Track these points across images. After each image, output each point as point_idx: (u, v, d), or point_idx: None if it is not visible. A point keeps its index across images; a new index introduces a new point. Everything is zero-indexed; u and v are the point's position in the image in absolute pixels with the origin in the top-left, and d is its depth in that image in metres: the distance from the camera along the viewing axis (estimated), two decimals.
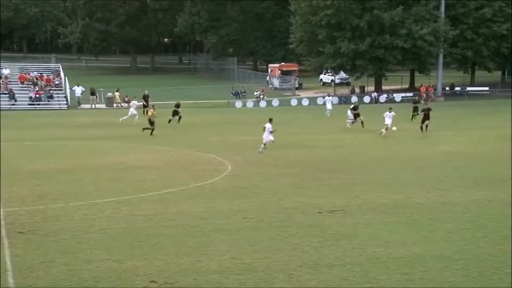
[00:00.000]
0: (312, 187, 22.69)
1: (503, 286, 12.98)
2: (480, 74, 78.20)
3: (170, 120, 42.63)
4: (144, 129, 37.54)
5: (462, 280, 13.36)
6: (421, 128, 36.69)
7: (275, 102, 63.62)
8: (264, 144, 29.37)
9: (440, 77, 69.57)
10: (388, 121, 35.96)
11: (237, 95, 70.47)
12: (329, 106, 49.13)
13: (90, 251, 15.16)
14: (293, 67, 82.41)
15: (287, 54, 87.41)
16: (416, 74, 75.50)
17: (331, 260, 14.62)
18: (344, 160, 28.68)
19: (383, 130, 35.56)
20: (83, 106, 63.24)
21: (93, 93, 63.67)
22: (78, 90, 64.69)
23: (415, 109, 43.66)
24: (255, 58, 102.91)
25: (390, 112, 36.39)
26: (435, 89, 68.61)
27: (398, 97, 66.18)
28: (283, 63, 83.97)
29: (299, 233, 16.80)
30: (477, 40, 68.18)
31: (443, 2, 66.75)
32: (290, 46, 77.10)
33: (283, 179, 24.14)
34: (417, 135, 37.02)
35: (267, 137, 29.21)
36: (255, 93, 68.20)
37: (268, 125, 29.60)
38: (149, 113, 38.92)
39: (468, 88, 72.03)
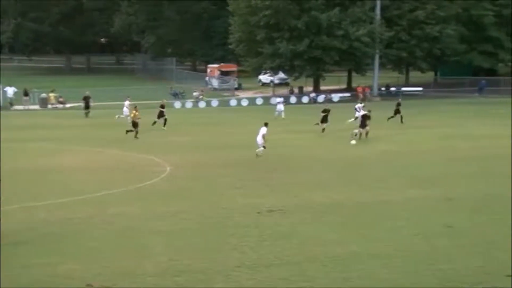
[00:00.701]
0: (251, 187, 22.74)
1: (436, 281, 13.30)
2: (414, 74, 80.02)
3: (154, 122, 41.43)
4: (127, 131, 36.36)
5: (399, 276, 13.61)
6: (359, 134, 35.63)
7: (215, 103, 63.47)
8: (264, 147, 28.58)
9: (376, 77, 70.82)
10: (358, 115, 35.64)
11: (176, 95, 69.93)
12: (280, 107, 48.81)
13: (25, 255, 14.77)
14: (232, 67, 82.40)
15: (226, 54, 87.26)
16: (353, 74, 76.66)
17: (270, 260, 14.66)
18: (284, 160, 28.82)
19: (362, 133, 34.96)
20: (15, 107, 61.54)
21: (26, 94, 62.02)
22: (10, 90, 62.84)
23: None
24: (193, 59, 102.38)
25: (361, 104, 36.10)
26: (371, 89, 69.80)
27: (336, 97, 67.04)
28: (222, 64, 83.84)
29: (237, 233, 16.79)
30: (410, 41, 69.69)
31: (378, 4, 67.94)
32: (229, 47, 76.99)
33: (222, 179, 24.09)
34: (341, 135, 37.47)
35: (259, 140, 28.51)
36: (194, 93, 67.86)
37: (262, 129, 28.84)
38: (132, 115, 37.36)
39: (403, 88, 73.47)
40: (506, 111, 48.68)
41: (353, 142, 33.26)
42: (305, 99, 65.57)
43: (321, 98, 65.97)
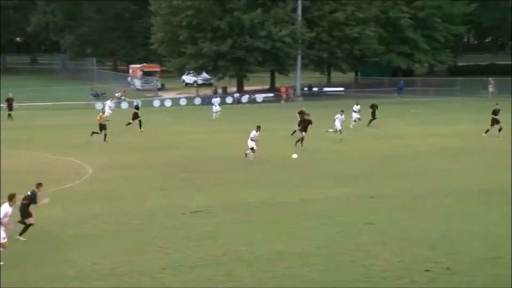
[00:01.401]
0: (175, 188, 22.59)
1: (359, 278, 13.59)
2: (335, 75, 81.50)
3: (129, 123, 40.12)
4: (92, 133, 35.07)
5: (322, 274, 13.84)
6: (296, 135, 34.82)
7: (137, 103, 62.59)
8: (252, 149, 27.68)
9: (299, 78, 71.72)
10: (338, 124, 35.27)
11: (97, 96, 68.62)
12: (216, 107, 48.26)
13: None
14: (155, 67, 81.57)
15: (149, 54, 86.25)
16: (276, 74, 77.37)
17: (195, 261, 14.62)
18: (209, 160, 28.74)
19: (340, 136, 34.67)
20: None
21: None
22: None
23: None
24: (115, 59, 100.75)
25: (341, 115, 35.74)
26: (294, 90, 70.65)
27: (259, 97, 67.49)
28: (144, 64, 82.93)
29: (162, 235, 16.65)
30: (331, 42, 70.93)
31: (299, 5, 68.81)
32: (152, 47, 76.24)
33: (147, 181, 23.83)
34: (284, 134, 37.85)
35: (250, 143, 27.74)
36: (116, 94, 66.80)
37: (252, 132, 28.00)
38: (98, 118, 36.00)
39: (325, 89, 74.89)
40: (424, 111, 50.42)
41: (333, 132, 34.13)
42: (229, 100, 65.67)
43: (245, 98, 66.33)
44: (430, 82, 71.31)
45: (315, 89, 74.97)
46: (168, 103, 63.88)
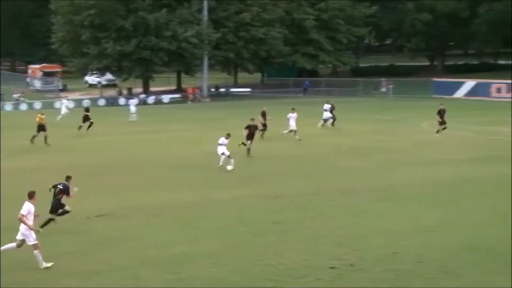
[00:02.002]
0: (79, 191, 21.94)
1: (266, 277, 13.69)
2: (242, 75, 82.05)
3: (80, 127, 38.46)
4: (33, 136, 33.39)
5: (229, 274, 13.85)
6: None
7: (37, 105, 60.57)
8: (229, 156, 26.19)
9: (205, 78, 71.66)
10: (292, 123, 34.51)
11: None
12: (133, 109, 47.12)
13: None
14: (56, 68, 79.35)
15: (49, 54, 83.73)
16: (183, 75, 77.03)
17: (100, 266, 14.29)
18: (113, 162, 28.20)
19: (296, 136, 34.17)
20: None
21: None
22: None
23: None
24: (13, 59, 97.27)
25: (293, 113, 34.72)
26: (201, 90, 70.54)
27: (166, 98, 66.92)
28: (45, 64, 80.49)
29: (65, 240, 16.18)
30: (238, 43, 71.40)
31: (205, 6, 68.75)
32: (52, 47, 74.06)
33: (48, 185, 23.01)
34: (188, 135, 37.62)
35: (219, 149, 26.17)
36: (14, 95, 64.45)
37: (221, 139, 26.44)
38: (37, 119, 34.04)
39: (232, 89, 75.27)
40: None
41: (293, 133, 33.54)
42: (135, 101, 64.67)
43: (151, 99, 65.58)
44: (333, 83, 73.06)
45: (222, 90, 75.19)
46: (70, 105, 62.16)
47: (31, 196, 14.66)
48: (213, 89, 73.83)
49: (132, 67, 67.85)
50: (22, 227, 14.27)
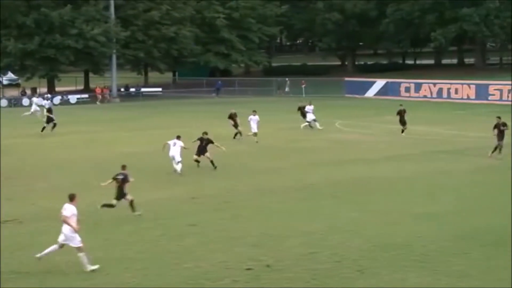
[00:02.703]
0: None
1: (182, 280, 13.30)
2: (153, 75, 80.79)
3: (44, 128, 36.57)
4: None
5: (143, 279, 13.39)
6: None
7: None
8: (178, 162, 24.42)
9: (115, 78, 69.91)
10: (254, 126, 33.30)
11: None
12: (35, 107, 45.18)
13: None
14: None
15: None
16: (91, 75, 75.06)
17: (6, 274, 13.52)
18: (19, 166, 26.91)
19: (255, 138, 33.00)
20: None
21: None
22: None
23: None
24: None
25: (254, 115, 33.57)
26: (110, 90, 68.89)
27: (73, 98, 64.97)
28: None
29: None
30: (147, 41, 70.20)
31: (112, 3, 67.05)
32: None
33: None
34: (97, 137, 36.51)
35: (175, 153, 24.27)
36: None
37: (177, 142, 24.50)
38: None
39: (143, 89, 73.82)
40: (243, 111, 51.29)
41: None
42: (39, 101, 62.39)
43: (56, 99, 63.39)
44: (247, 82, 73.19)
45: (132, 89, 73.78)
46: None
47: (72, 198, 14.42)
48: (122, 89, 72.27)
49: (35, 66, 65.31)
50: (66, 229, 13.91)
